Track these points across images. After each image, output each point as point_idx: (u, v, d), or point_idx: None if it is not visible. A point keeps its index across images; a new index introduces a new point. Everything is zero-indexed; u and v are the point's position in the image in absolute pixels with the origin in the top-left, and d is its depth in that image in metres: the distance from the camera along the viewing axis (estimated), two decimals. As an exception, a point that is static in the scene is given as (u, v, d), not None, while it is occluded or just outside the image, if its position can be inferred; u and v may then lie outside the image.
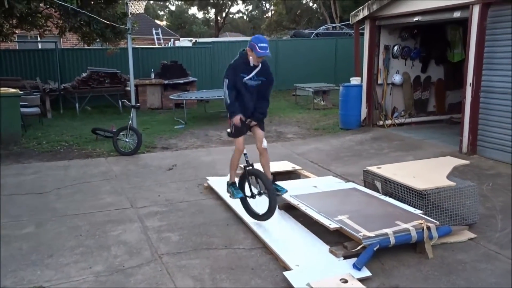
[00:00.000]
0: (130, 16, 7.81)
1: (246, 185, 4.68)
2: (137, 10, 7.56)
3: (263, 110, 4.59)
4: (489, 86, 6.94)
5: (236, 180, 4.77)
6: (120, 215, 5.02)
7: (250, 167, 4.58)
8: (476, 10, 6.90)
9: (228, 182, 4.77)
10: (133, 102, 8.37)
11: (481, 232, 4.38)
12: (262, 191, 4.54)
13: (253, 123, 4.54)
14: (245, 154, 4.59)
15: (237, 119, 4.38)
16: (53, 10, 10.06)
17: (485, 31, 6.88)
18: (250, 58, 4.33)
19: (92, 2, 9.53)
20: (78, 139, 9.06)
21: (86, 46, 11.85)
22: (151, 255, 4.04)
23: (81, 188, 5.99)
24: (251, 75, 4.37)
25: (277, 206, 4.40)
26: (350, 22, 10.38)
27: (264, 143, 4.60)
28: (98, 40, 10.50)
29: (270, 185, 4.37)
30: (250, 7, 48.42)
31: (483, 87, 7.02)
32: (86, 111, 12.69)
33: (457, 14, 7.39)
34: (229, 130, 4.60)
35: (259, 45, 4.23)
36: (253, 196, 4.62)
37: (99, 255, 4.06)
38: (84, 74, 13.23)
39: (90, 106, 12.92)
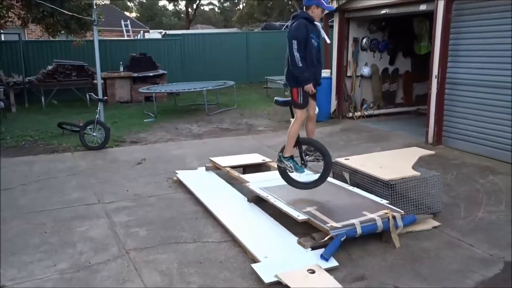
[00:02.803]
0: (95, 7, 7.59)
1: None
2: (103, 1, 7.35)
3: (321, 75, 4.53)
4: (454, 78, 7.12)
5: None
6: (86, 211, 4.91)
7: (300, 137, 4.52)
8: (441, 4, 7.05)
9: (284, 155, 4.49)
10: (100, 96, 8.19)
11: (445, 220, 4.50)
12: (308, 159, 4.55)
13: (314, 91, 4.39)
14: None
15: (310, 86, 4.19)
16: (15, 0, 9.68)
17: (450, 24, 7.04)
18: (313, 15, 4.21)
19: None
20: (43, 134, 8.80)
21: (51, 38, 11.47)
22: (118, 251, 3.97)
23: (46, 184, 5.83)
24: (318, 36, 4.25)
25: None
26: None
27: (316, 109, 4.59)
28: (63, 31, 10.18)
29: (326, 150, 4.39)
30: (221, -1, 48.01)
31: (448, 79, 7.19)
32: (52, 105, 12.32)
33: (423, 7, 7.53)
34: (279, 98, 4.49)
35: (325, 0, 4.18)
36: (305, 164, 4.57)
37: (64, 252, 3.96)
38: (49, 67, 12.81)
39: (56, 100, 12.55)
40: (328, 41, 4.75)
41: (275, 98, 4.59)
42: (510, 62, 6.22)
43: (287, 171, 4.56)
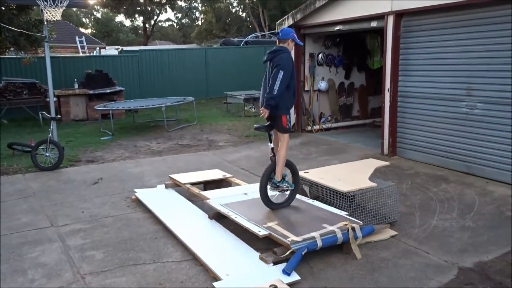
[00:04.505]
0: (46, 23, 7.37)
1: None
2: (54, 17, 7.14)
3: None
4: (405, 91, 7.41)
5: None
6: (38, 235, 4.67)
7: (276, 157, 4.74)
8: (390, 21, 7.35)
9: (277, 180, 4.61)
10: (52, 114, 7.89)
11: (402, 229, 4.63)
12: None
13: (265, 116, 4.67)
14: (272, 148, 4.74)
15: (265, 111, 4.45)
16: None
17: (399, 40, 7.35)
18: (288, 48, 4.63)
19: (3, 8, 8.88)
20: (-8, 155, 8.37)
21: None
22: (73, 276, 3.79)
23: (-6, 209, 5.51)
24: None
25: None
26: (276, 30, 10.61)
27: None
28: (12, 48, 9.80)
29: (297, 170, 4.82)
30: (179, 15, 47.98)
31: (400, 92, 7.48)
32: (2, 124, 11.76)
33: (374, 24, 7.83)
34: (258, 125, 4.73)
35: (296, 35, 4.69)
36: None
37: (13, 280, 3.73)
38: (-2, 85, 12.29)
39: (6, 119, 12.02)
40: None
41: (255, 125, 4.86)
42: (455, 76, 6.56)
43: (284, 191, 4.71)
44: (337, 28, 8.69)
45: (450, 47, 6.63)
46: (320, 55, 10.08)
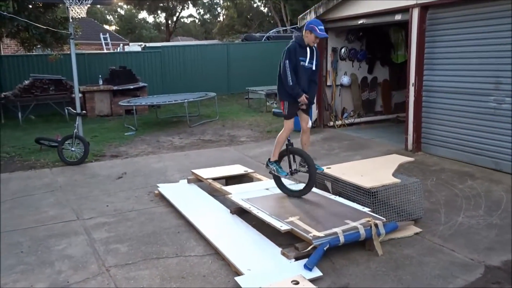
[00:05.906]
0: (72, 20, 7.51)
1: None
2: (79, 15, 7.28)
3: (313, 94, 4.96)
4: (430, 85, 7.25)
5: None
6: (64, 228, 4.79)
7: (291, 146, 4.94)
8: (415, 13, 7.20)
9: (270, 160, 5.02)
10: (78, 110, 8.05)
11: (426, 226, 4.54)
12: (299, 169, 4.87)
13: (304, 106, 4.88)
14: None
15: (303, 98, 4.68)
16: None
17: (424, 33, 7.19)
18: (306, 39, 4.68)
19: (30, 6, 9.09)
20: (20, 150, 8.60)
21: (27, 52, 11.30)
22: (98, 268, 3.87)
23: (22, 202, 5.67)
24: (307, 58, 4.70)
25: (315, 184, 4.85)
26: (298, 25, 10.53)
27: (309, 123, 5.08)
28: (39, 46, 10.04)
29: (311, 162, 4.69)
30: (201, 11, 48.16)
31: (425, 87, 7.32)
32: (29, 120, 12.08)
33: (398, 17, 7.68)
34: (275, 110, 5.05)
35: (319, 27, 4.62)
36: (292, 173, 4.94)
37: (41, 272, 3.84)
38: (26, 82, 12.60)
39: (34, 115, 12.33)
40: (313, 68, 4.83)
41: (273, 110, 5.05)
42: (483, 69, 6.38)
43: (271, 173, 4.99)
44: (360, 21, 8.56)
45: (477, 40, 6.44)
46: (343, 50, 9.96)
